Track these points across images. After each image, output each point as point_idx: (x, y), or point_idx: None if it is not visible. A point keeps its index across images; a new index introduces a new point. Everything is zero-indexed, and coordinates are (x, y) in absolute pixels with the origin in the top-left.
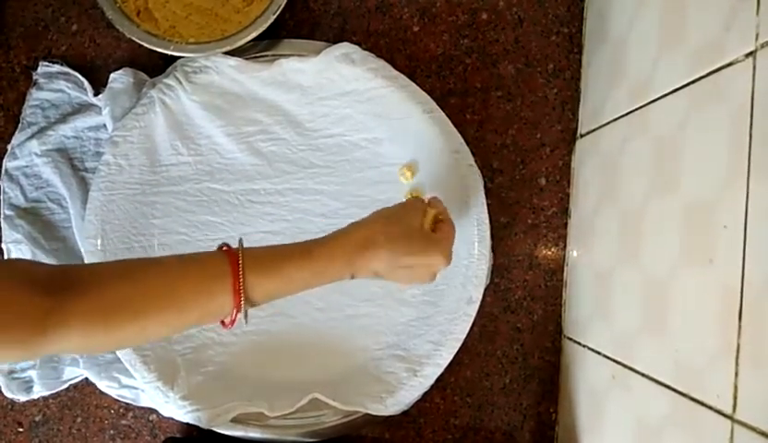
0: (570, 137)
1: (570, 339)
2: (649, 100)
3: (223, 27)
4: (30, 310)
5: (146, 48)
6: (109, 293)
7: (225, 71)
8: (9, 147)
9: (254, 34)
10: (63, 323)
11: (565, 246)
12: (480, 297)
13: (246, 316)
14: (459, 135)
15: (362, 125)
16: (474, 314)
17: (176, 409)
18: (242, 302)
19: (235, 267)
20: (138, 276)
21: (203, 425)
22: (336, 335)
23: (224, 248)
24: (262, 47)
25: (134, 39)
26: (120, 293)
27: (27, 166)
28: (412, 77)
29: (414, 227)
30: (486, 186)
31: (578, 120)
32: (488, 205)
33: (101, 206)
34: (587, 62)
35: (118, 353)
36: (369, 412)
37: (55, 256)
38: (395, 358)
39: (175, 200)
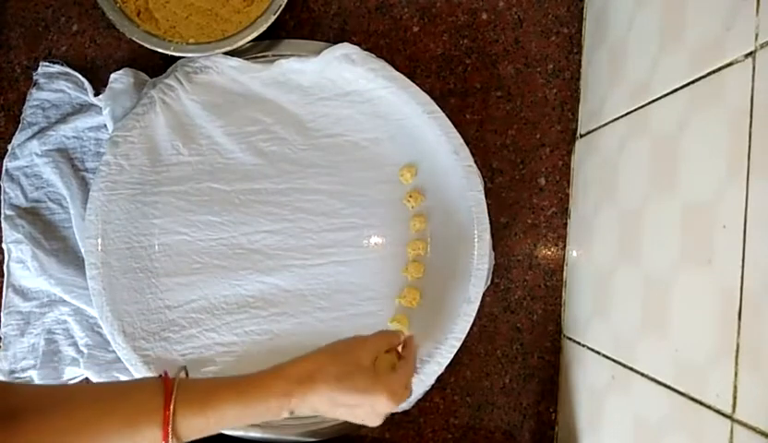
0: (569, 137)
1: (570, 338)
2: (649, 100)
3: (224, 27)
4: None
5: (146, 48)
6: (44, 427)
7: (226, 71)
8: (10, 147)
9: (254, 34)
10: None
11: (565, 246)
12: (480, 297)
13: None
14: (459, 135)
15: (362, 126)
16: (473, 314)
17: None
18: (169, 436)
19: (168, 400)
20: (73, 407)
21: None
22: (339, 334)
23: (163, 376)
24: (262, 47)
25: (134, 39)
26: (54, 427)
27: (27, 166)
28: (412, 77)
29: (361, 365)
30: (485, 186)
31: (577, 120)
32: (488, 205)
33: (101, 206)
34: (587, 62)
35: (118, 352)
36: None
37: (56, 256)
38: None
39: (176, 200)
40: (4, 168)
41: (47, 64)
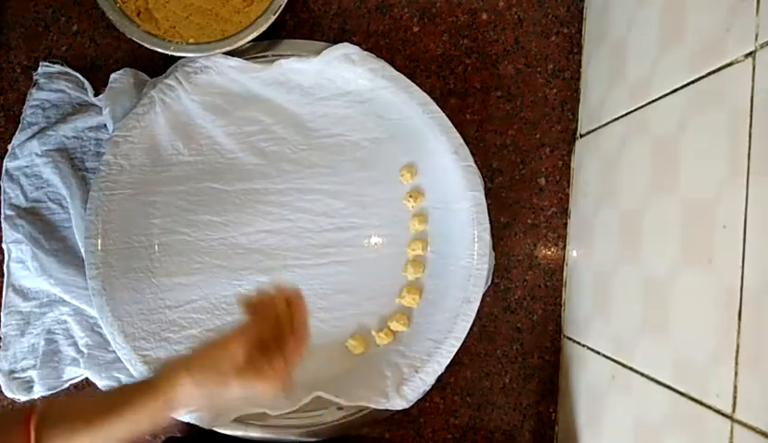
0: (569, 137)
1: (570, 338)
2: (648, 100)
3: (224, 27)
4: None
5: (146, 48)
6: None
7: (226, 71)
8: (10, 147)
9: (254, 34)
10: None
11: (565, 246)
12: (479, 298)
13: None
14: (459, 135)
15: (362, 126)
16: (473, 314)
17: None
18: None
19: (28, 421)
20: None
21: (205, 425)
22: (339, 333)
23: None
24: (262, 47)
25: (134, 39)
26: None
27: (27, 166)
28: (412, 77)
29: (227, 358)
30: (485, 186)
31: (577, 120)
32: (488, 205)
33: (101, 206)
34: (587, 62)
35: (118, 352)
36: (372, 406)
37: (56, 256)
38: (397, 354)
39: (176, 200)
40: (4, 168)
41: (47, 64)
